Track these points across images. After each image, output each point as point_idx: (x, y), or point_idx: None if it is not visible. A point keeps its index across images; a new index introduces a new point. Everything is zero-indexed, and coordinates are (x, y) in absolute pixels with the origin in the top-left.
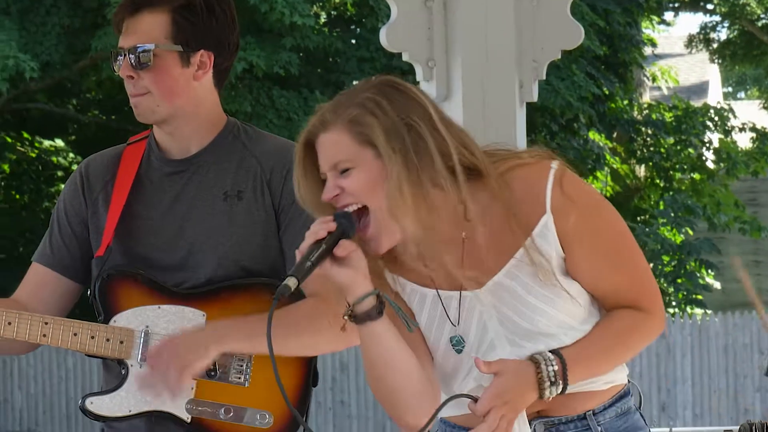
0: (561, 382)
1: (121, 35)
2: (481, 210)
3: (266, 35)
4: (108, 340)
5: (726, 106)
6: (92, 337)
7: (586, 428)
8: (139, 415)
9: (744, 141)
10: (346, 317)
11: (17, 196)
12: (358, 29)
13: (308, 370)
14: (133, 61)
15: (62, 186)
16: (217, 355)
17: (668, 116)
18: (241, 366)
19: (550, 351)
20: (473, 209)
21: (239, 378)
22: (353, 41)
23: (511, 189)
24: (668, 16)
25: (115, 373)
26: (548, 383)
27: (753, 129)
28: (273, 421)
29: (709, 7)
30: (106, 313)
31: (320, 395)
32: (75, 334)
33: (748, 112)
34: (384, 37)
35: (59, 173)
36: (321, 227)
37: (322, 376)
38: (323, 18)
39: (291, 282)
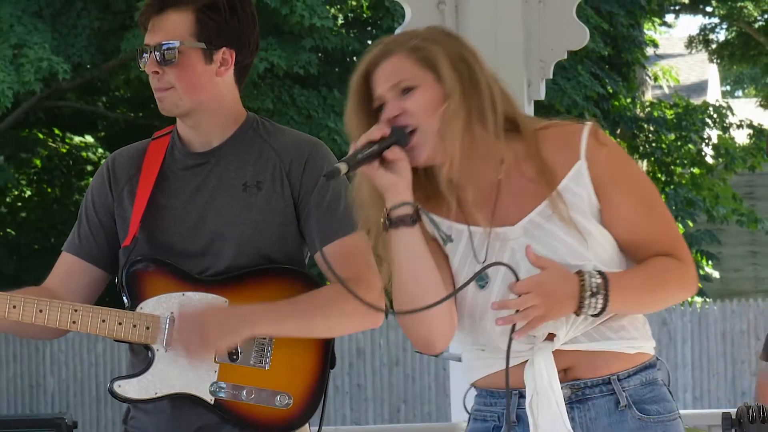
0: (602, 295)
1: (147, 33)
2: (517, 158)
3: (287, 36)
4: (135, 326)
5: (724, 104)
6: (119, 324)
7: (611, 393)
8: (165, 397)
9: (741, 137)
10: (383, 220)
11: (48, 190)
12: (374, 30)
13: (326, 352)
14: (158, 57)
15: (91, 180)
16: (246, 338)
17: (669, 114)
18: (262, 350)
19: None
20: (509, 155)
21: (260, 361)
22: (369, 41)
23: (546, 141)
24: (669, 18)
25: (141, 357)
26: (589, 293)
27: (750, 126)
28: (293, 402)
29: (708, 9)
30: (133, 300)
31: (338, 379)
32: (103, 321)
33: (745, 109)
34: None
35: (89, 168)
36: (376, 130)
37: (340, 361)
38: (341, 20)
39: (342, 166)
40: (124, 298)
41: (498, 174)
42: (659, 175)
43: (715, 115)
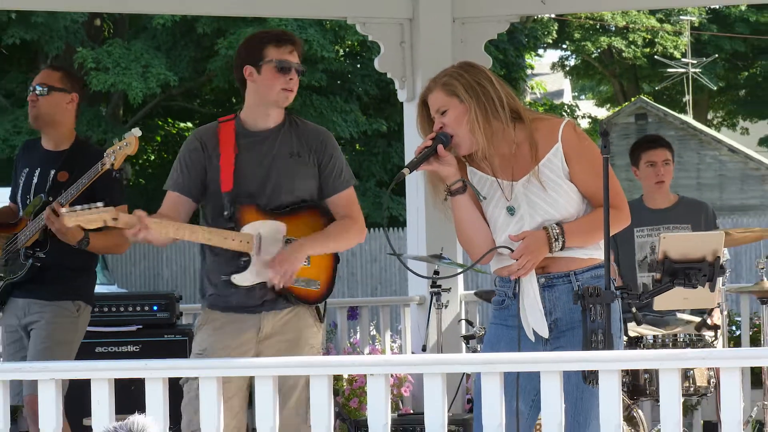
0: (561, 239)
1: (290, 54)
2: (521, 139)
3: (307, 63)
4: (240, 241)
5: (574, 104)
6: (233, 240)
7: (569, 282)
8: (256, 284)
9: (584, 124)
10: (446, 191)
11: (164, 155)
12: (362, 59)
13: (337, 255)
14: (298, 71)
15: (185, 144)
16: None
17: (541, 110)
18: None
19: (554, 223)
20: (517, 137)
21: (305, 261)
22: (358, 66)
23: (538, 130)
24: (540, 51)
25: (226, 258)
26: (554, 239)
27: (589, 117)
28: (320, 285)
29: (564, 46)
30: (237, 224)
31: (340, 271)
32: (224, 238)
33: (586, 107)
34: (377, 63)
35: None
36: (428, 138)
37: (342, 260)
38: (341, 52)
39: (406, 171)
40: (233, 223)
41: (512, 149)
42: None
43: (568, 111)
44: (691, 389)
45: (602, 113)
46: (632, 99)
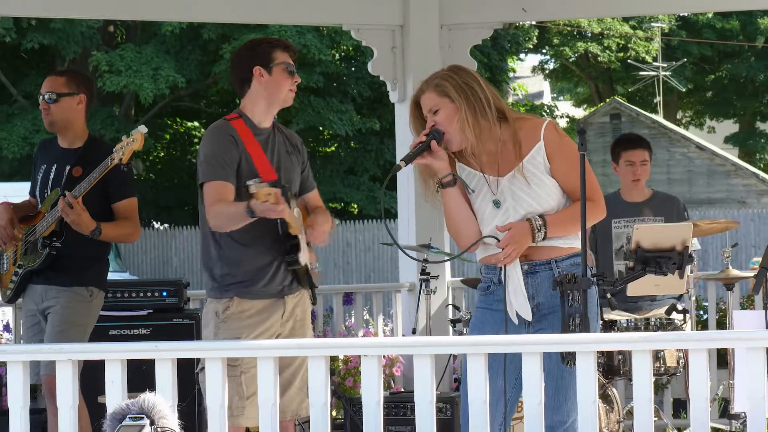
0: (543, 230)
1: (292, 60)
2: (506, 137)
3: (306, 66)
4: (297, 224)
5: (553, 105)
6: (297, 222)
7: (551, 269)
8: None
9: (563, 123)
10: (437, 184)
11: (173, 152)
12: (356, 62)
13: None
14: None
15: (196, 147)
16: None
17: (523, 110)
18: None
19: (537, 215)
20: (503, 135)
21: (309, 246)
22: (353, 69)
23: (522, 129)
24: (522, 55)
25: (291, 243)
26: (537, 230)
27: (567, 116)
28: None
29: (544, 51)
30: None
31: (336, 259)
32: (297, 222)
33: (564, 107)
34: (370, 67)
35: (195, 141)
36: (422, 135)
37: (338, 249)
38: (337, 56)
39: (401, 163)
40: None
41: (498, 147)
42: None
43: (548, 111)
44: (662, 369)
45: (579, 113)
46: (607, 100)
